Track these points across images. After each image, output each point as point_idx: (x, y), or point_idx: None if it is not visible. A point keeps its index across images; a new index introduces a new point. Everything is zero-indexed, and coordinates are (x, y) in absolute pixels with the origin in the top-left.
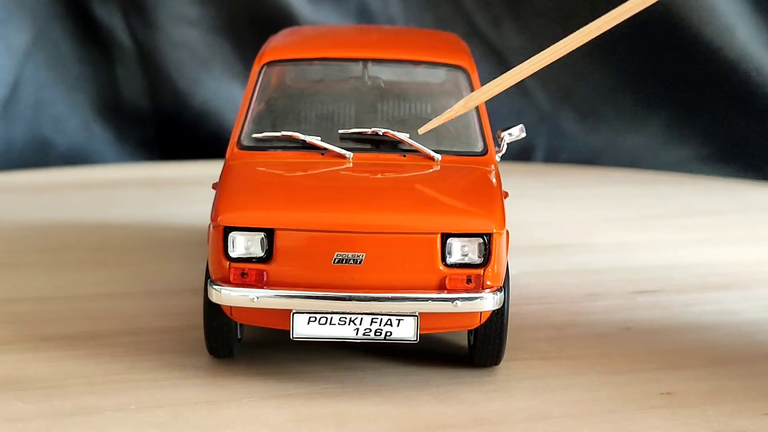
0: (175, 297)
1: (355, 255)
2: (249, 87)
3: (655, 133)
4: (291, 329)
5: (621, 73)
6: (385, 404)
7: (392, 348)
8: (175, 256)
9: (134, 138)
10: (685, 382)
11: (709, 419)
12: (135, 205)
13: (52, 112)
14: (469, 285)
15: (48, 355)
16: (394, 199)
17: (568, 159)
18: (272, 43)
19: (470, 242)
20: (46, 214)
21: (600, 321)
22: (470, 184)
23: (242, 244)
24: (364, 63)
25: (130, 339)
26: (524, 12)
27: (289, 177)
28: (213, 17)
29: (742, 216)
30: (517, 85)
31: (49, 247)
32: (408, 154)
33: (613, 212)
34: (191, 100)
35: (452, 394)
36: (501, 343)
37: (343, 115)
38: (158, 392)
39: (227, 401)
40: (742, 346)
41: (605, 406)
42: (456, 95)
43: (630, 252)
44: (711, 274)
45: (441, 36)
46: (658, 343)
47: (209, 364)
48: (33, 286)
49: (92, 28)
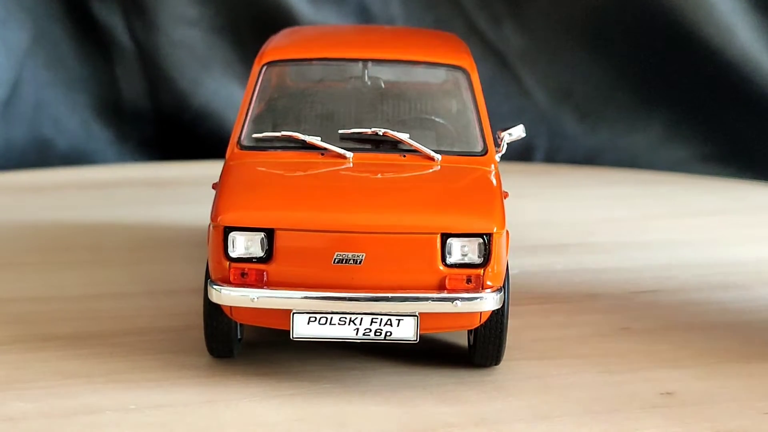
0: (175, 297)
1: (355, 255)
2: (249, 87)
3: (655, 133)
4: (291, 329)
5: (621, 73)
6: (385, 404)
7: (392, 348)
8: (175, 256)
9: (134, 138)
10: (685, 382)
11: (709, 419)
12: (135, 205)
13: (52, 112)
14: (469, 285)
15: (48, 355)
16: (394, 199)
17: (568, 159)
18: (272, 43)
19: (470, 242)
20: (46, 214)
21: (600, 321)
22: (470, 184)
23: (242, 244)
24: (364, 63)
25: (130, 339)
26: (524, 12)
27: (289, 177)
28: (213, 17)
29: (742, 216)
30: (517, 85)
31: (49, 247)
32: (408, 154)
33: (613, 212)
34: (191, 100)
35: (452, 394)
36: (501, 343)
37: (343, 115)
38: (158, 392)
39: (227, 401)
40: (742, 346)
41: (605, 406)
42: (456, 95)
43: (630, 252)
44: (711, 274)
45: (441, 36)
46: (658, 343)
47: (209, 364)
48: (33, 286)
49: (92, 28)
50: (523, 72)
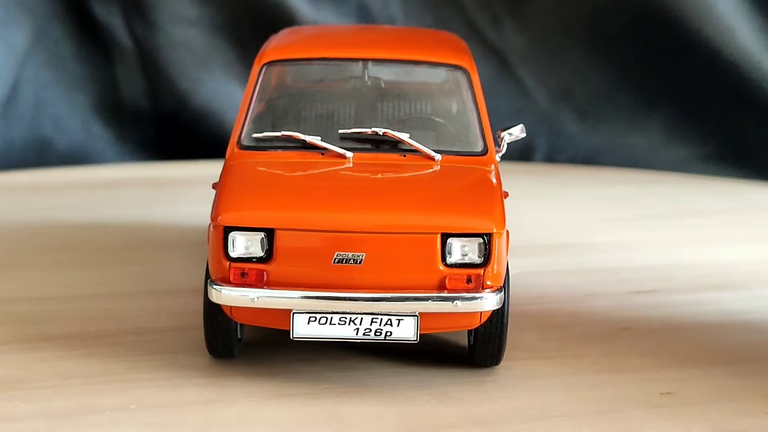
0: (175, 297)
1: (356, 255)
2: (249, 87)
3: (655, 133)
4: (291, 329)
5: (621, 73)
6: (385, 404)
7: (392, 348)
8: (175, 256)
9: (134, 138)
10: (685, 382)
11: (709, 419)
12: (135, 205)
13: (52, 112)
14: (469, 285)
15: (48, 355)
16: (394, 199)
17: (567, 159)
18: (272, 43)
19: (470, 242)
20: (46, 214)
21: (600, 321)
22: (470, 184)
23: (242, 244)
24: (364, 63)
25: (130, 339)
26: (524, 12)
27: (289, 177)
28: (213, 17)
29: (742, 216)
30: (517, 85)
31: (49, 247)
32: (408, 154)
33: (613, 212)
34: (191, 100)
35: (452, 394)
36: (501, 343)
37: (343, 115)
38: (158, 392)
39: (227, 401)
40: (742, 346)
41: (605, 406)
42: (456, 95)
43: (630, 252)
44: (711, 274)
45: (441, 36)
46: (658, 343)
47: (209, 364)
48: (33, 286)
49: (92, 28)
50: (523, 72)
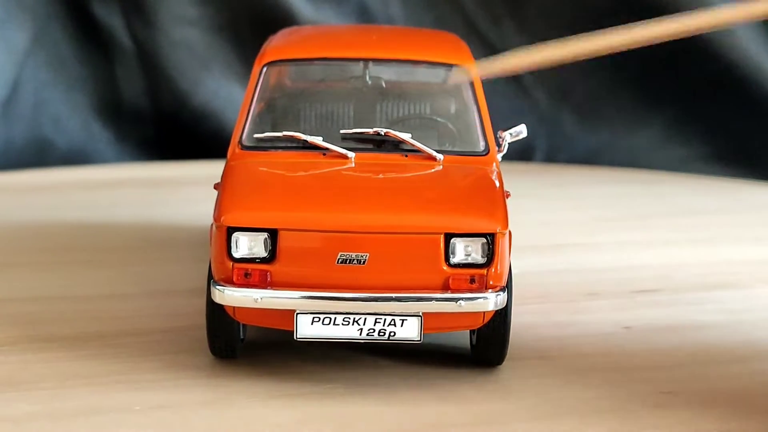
0: (177, 297)
1: (359, 255)
2: (250, 87)
3: (655, 133)
4: (294, 329)
5: (621, 73)
6: (388, 404)
7: (395, 348)
8: (176, 256)
9: (134, 138)
10: (685, 382)
11: (709, 419)
12: (135, 205)
13: (52, 112)
14: (472, 285)
15: (49, 356)
16: (397, 200)
17: (567, 159)
18: (273, 43)
19: (474, 242)
20: (46, 214)
21: (600, 320)
22: (473, 184)
23: (245, 245)
24: (364, 63)
25: (132, 339)
26: (524, 12)
27: (291, 177)
28: (213, 17)
29: (742, 216)
30: (517, 85)
31: (49, 247)
32: (410, 154)
33: (613, 212)
34: (191, 100)
35: (455, 394)
36: (504, 343)
37: (344, 115)
38: (160, 393)
39: (229, 401)
40: (742, 346)
41: (605, 405)
42: (456, 95)
43: (630, 252)
44: (711, 274)
45: (441, 36)
46: (658, 343)
47: (212, 364)
48: (33, 286)
49: (92, 28)
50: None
